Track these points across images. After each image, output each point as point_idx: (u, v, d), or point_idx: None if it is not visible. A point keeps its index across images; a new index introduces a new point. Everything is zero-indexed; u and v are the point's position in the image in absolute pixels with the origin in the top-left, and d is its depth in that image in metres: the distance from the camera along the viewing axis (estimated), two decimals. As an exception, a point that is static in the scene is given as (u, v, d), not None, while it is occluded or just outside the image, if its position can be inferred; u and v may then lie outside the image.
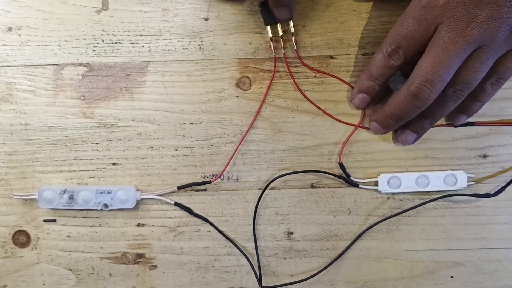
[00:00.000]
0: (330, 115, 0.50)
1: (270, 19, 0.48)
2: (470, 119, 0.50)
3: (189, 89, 0.51)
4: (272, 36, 0.49)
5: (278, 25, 0.49)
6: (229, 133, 0.51)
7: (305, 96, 0.50)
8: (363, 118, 0.51)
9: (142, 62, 0.51)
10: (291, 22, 0.49)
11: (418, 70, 0.43)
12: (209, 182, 0.51)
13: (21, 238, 0.52)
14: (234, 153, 0.51)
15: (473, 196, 0.50)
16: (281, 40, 0.49)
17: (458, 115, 0.48)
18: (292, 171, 0.51)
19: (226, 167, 0.51)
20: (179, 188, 0.51)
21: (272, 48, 0.50)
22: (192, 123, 0.51)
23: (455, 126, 0.50)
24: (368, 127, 0.51)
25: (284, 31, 0.49)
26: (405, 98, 0.44)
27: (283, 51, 0.50)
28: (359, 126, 0.51)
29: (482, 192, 0.51)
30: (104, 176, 0.52)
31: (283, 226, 0.52)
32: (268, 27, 0.49)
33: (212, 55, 0.51)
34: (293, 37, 0.49)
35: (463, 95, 0.44)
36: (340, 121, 0.51)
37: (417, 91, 0.42)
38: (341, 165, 0.51)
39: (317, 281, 0.52)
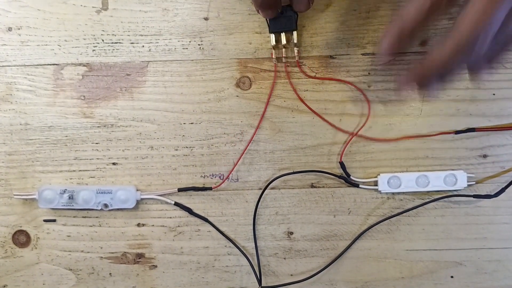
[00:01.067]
0: (328, 122, 0.51)
1: (275, 28, 0.48)
2: (471, 124, 0.50)
3: (189, 89, 0.51)
4: (275, 45, 0.49)
5: (282, 34, 0.49)
6: (229, 133, 0.51)
7: (305, 104, 0.50)
8: (364, 125, 0.50)
9: (142, 62, 0.51)
10: (295, 32, 0.49)
11: (467, 18, 0.36)
12: (210, 188, 0.51)
13: (21, 238, 0.52)
14: (240, 157, 0.51)
15: (474, 197, 0.50)
16: (283, 50, 0.50)
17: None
18: (292, 171, 0.51)
19: (230, 172, 0.51)
20: (180, 190, 0.51)
21: (274, 57, 0.50)
22: (192, 123, 0.51)
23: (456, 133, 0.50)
24: (366, 136, 0.51)
25: (287, 40, 0.49)
26: (453, 49, 0.38)
27: (284, 61, 0.50)
28: (356, 135, 0.51)
29: (482, 192, 0.51)
30: (104, 176, 0.52)
31: (283, 226, 0.52)
32: (272, 35, 0.49)
33: (212, 55, 0.51)
34: (295, 48, 0.49)
35: None
36: (339, 129, 0.51)
37: (469, 41, 0.36)
38: (342, 164, 0.51)
39: (317, 281, 0.52)
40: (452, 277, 0.52)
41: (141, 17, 0.50)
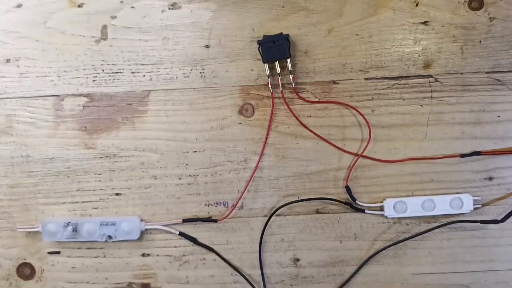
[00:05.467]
0: (332, 144, 0.50)
1: (268, 57, 0.48)
2: (476, 147, 0.50)
3: (191, 117, 0.50)
4: (270, 74, 0.49)
5: (276, 63, 0.48)
6: (233, 160, 0.51)
7: (308, 128, 0.50)
8: (367, 146, 0.50)
9: (144, 91, 0.50)
10: (289, 60, 0.48)
11: None
12: (215, 221, 0.51)
13: (26, 271, 0.52)
14: (246, 188, 0.51)
15: (481, 223, 0.50)
16: (279, 78, 0.49)
17: None
18: (298, 199, 0.51)
19: (234, 206, 0.51)
20: (185, 221, 0.51)
21: (270, 86, 0.49)
22: (195, 151, 0.51)
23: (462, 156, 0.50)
24: (372, 157, 0.50)
25: (282, 68, 0.49)
26: None
27: (281, 89, 0.49)
28: (361, 156, 0.50)
29: (488, 215, 0.50)
30: (108, 206, 0.51)
31: (289, 253, 0.52)
32: (266, 65, 0.49)
33: (214, 83, 0.50)
34: (291, 75, 0.49)
35: None
36: (343, 150, 0.50)
37: None
38: (348, 188, 0.50)
39: (324, 307, 0.52)
40: (459, 299, 0.52)
41: (141, 46, 0.50)
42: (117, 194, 0.51)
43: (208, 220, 0.51)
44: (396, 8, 0.49)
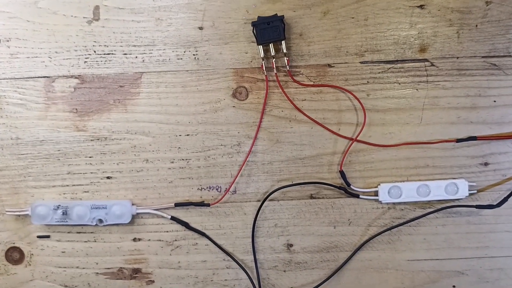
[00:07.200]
0: (327, 128, 0.50)
1: (262, 39, 0.47)
2: (472, 132, 0.49)
3: (184, 100, 0.50)
4: (264, 56, 0.48)
5: (271, 45, 0.48)
6: (226, 144, 0.50)
7: (302, 112, 0.49)
8: (361, 131, 0.49)
9: (136, 73, 0.50)
10: (283, 42, 0.48)
11: None
12: (208, 205, 0.50)
13: (15, 255, 0.51)
14: (238, 172, 0.50)
15: (476, 208, 0.49)
16: (273, 61, 0.48)
17: None
18: (291, 183, 0.50)
19: (227, 190, 0.50)
20: (176, 205, 0.50)
21: (264, 68, 0.48)
22: (188, 135, 0.50)
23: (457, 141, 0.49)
24: (367, 142, 0.50)
25: (276, 51, 0.48)
26: None
27: (275, 72, 0.49)
28: (356, 140, 0.50)
29: (484, 200, 0.50)
30: (99, 190, 0.50)
31: (282, 238, 0.51)
32: (261, 47, 0.48)
33: (208, 65, 0.49)
34: (285, 58, 0.48)
35: None
36: (337, 134, 0.50)
37: None
38: (342, 173, 0.50)
39: (318, 293, 0.52)
40: (454, 286, 0.51)
41: (133, 27, 0.49)
42: (108, 177, 0.50)
43: (201, 204, 0.50)
44: (392, -9, 0.49)
